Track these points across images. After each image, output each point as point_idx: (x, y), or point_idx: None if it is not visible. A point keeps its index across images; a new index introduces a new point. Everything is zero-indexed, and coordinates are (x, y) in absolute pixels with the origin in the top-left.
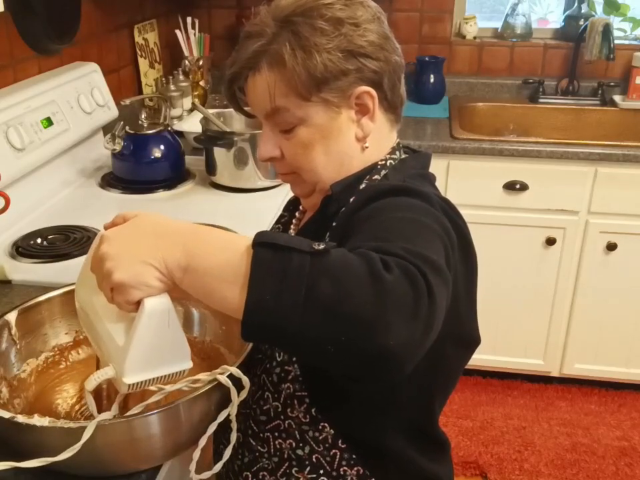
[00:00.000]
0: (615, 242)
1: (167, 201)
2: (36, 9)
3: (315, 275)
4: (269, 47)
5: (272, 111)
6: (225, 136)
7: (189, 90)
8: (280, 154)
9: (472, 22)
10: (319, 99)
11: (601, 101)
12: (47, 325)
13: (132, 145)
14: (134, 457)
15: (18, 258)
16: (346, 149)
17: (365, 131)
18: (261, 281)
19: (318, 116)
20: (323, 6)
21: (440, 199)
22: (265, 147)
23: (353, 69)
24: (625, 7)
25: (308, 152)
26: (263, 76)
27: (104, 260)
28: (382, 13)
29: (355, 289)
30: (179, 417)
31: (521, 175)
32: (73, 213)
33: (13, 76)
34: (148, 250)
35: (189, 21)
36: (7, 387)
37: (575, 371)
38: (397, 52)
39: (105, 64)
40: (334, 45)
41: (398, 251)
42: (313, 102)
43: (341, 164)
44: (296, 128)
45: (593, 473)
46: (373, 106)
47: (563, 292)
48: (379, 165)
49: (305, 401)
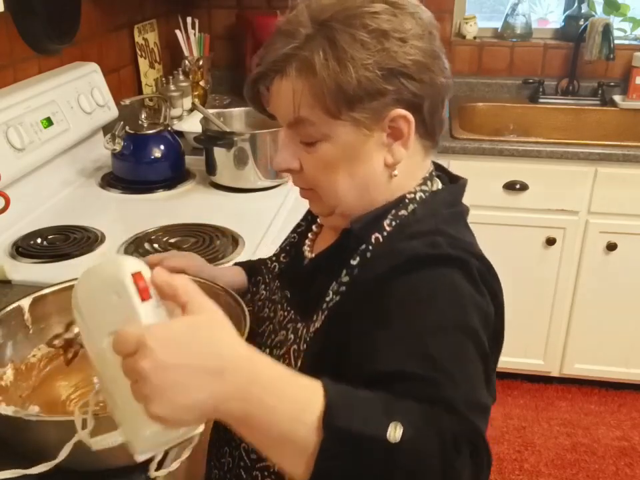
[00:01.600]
0: (615, 242)
1: (167, 201)
2: (36, 8)
3: (390, 468)
4: (300, 52)
5: (295, 121)
6: (224, 136)
7: (188, 90)
8: (298, 166)
9: (472, 22)
10: (349, 117)
11: (601, 101)
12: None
13: (132, 145)
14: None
15: (18, 258)
16: (372, 175)
17: (395, 158)
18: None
19: (345, 135)
20: (368, 14)
21: (477, 257)
22: (282, 156)
23: (392, 89)
24: (624, 7)
25: (329, 171)
26: (289, 82)
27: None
28: (435, 26)
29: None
30: None
31: (521, 175)
32: (73, 213)
33: (13, 76)
34: (197, 392)
35: (189, 21)
36: (13, 369)
37: (575, 371)
38: (445, 73)
39: (105, 64)
40: (374, 61)
41: (460, 407)
42: (342, 120)
43: (365, 190)
44: (319, 143)
45: (593, 473)
46: (408, 131)
47: (562, 292)
48: (407, 199)
49: None
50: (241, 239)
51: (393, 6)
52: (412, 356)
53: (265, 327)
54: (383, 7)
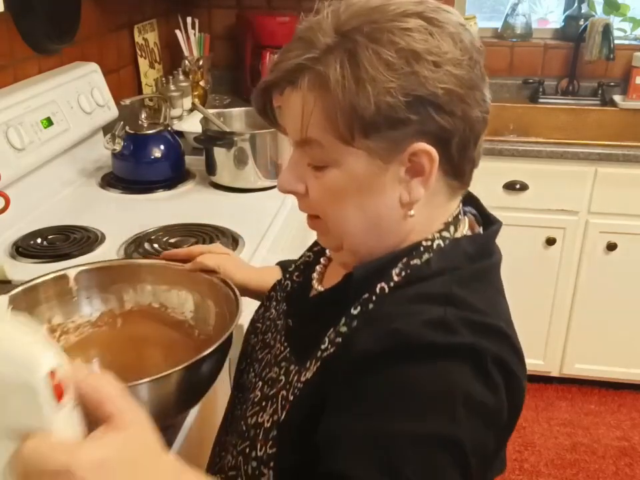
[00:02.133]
0: (615, 242)
1: (167, 201)
2: (36, 8)
3: None
4: (316, 64)
5: (302, 141)
6: (225, 136)
7: (188, 90)
8: (304, 190)
9: (472, 22)
10: (363, 145)
11: (601, 101)
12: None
13: (132, 144)
14: None
15: (18, 258)
16: (385, 212)
17: (412, 197)
18: None
19: (357, 165)
20: (398, 30)
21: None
22: (287, 177)
23: (416, 119)
24: (624, 7)
25: (337, 201)
26: (300, 96)
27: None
28: (478, 50)
29: None
30: (168, 387)
31: (521, 175)
32: (73, 213)
33: (13, 76)
34: None
35: (188, 21)
36: None
37: (575, 371)
38: (483, 106)
39: (105, 64)
40: (398, 85)
41: None
42: (355, 148)
43: (376, 227)
44: (328, 168)
45: (593, 473)
46: (430, 169)
47: (562, 292)
48: (422, 246)
49: None
50: (241, 239)
51: (430, 23)
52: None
53: (263, 354)
54: (418, 24)
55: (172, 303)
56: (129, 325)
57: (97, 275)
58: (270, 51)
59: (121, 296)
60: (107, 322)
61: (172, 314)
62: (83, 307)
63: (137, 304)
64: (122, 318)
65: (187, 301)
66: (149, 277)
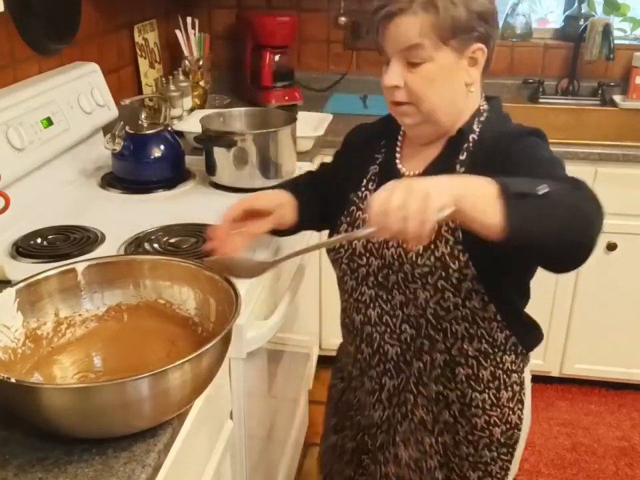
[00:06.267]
0: (615, 242)
1: (167, 201)
2: (36, 9)
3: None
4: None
5: (411, 46)
6: (225, 136)
7: (188, 90)
8: (403, 83)
9: None
10: (451, 44)
11: (601, 101)
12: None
13: (132, 145)
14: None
15: (18, 258)
16: (457, 90)
17: (471, 79)
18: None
19: (445, 58)
20: None
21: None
22: (392, 75)
23: (478, 28)
24: (624, 7)
25: (429, 86)
26: (416, 16)
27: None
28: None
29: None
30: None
31: None
32: (73, 213)
33: (13, 76)
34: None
35: (188, 21)
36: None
37: (575, 371)
38: (499, 24)
39: (105, 64)
40: (471, 5)
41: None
42: (446, 45)
43: (453, 101)
44: (424, 64)
45: (592, 473)
46: (482, 60)
47: (562, 292)
48: (481, 109)
49: (480, 291)
50: None
51: None
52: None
53: None
54: None
55: (177, 299)
56: (134, 320)
57: (104, 270)
58: (270, 51)
59: (127, 291)
60: (114, 316)
61: (177, 310)
62: (90, 300)
63: (143, 299)
64: (128, 313)
65: (190, 297)
66: (154, 273)
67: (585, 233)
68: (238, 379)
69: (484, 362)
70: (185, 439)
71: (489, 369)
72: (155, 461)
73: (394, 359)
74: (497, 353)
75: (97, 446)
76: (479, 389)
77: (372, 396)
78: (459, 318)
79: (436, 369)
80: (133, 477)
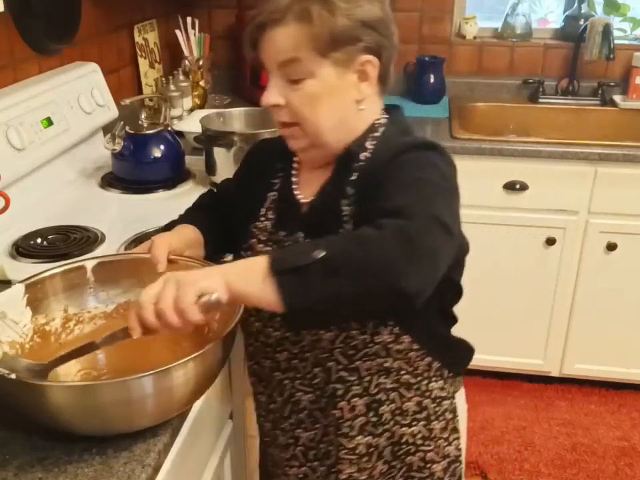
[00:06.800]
0: (615, 242)
1: (167, 201)
2: (36, 9)
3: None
4: (299, 3)
5: (287, 61)
6: (225, 136)
7: (189, 90)
8: (284, 102)
9: (472, 22)
10: (332, 57)
11: (601, 101)
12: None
13: (132, 145)
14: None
15: (18, 258)
16: (345, 108)
17: (361, 95)
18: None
19: (327, 73)
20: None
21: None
22: (269, 92)
23: (364, 38)
24: (624, 7)
25: (313, 104)
26: (288, 28)
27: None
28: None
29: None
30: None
31: (521, 175)
32: (73, 213)
33: (13, 76)
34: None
35: (188, 21)
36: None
37: (575, 371)
38: (395, 35)
39: (105, 64)
40: (353, 13)
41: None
42: (326, 59)
43: (341, 121)
44: (305, 80)
45: (592, 473)
46: (373, 74)
47: (562, 292)
48: (376, 124)
49: (389, 325)
50: None
51: None
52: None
53: None
54: None
55: None
56: None
57: (113, 268)
58: None
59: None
60: (121, 314)
61: None
62: (98, 298)
63: None
64: None
65: None
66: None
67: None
68: (238, 379)
69: (407, 393)
70: (185, 439)
71: (413, 400)
72: (155, 461)
73: (307, 408)
74: (420, 381)
75: (97, 446)
76: (406, 422)
77: (286, 451)
78: (370, 355)
79: (358, 416)
80: (132, 477)
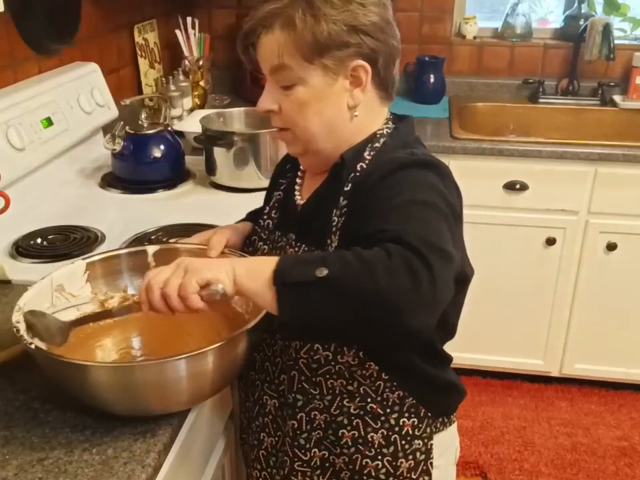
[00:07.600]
0: (615, 242)
1: (167, 201)
2: (36, 9)
3: (327, 299)
4: (284, 10)
5: (276, 68)
6: (225, 136)
7: (189, 90)
8: (278, 108)
9: (472, 22)
10: (320, 63)
11: (601, 101)
12: None
13: (132, 145)
14: (166, 398)
15: (18, 258)
16: (337, 114)
17: (355, 101)
18: (285, 307)
19: (316, 79)
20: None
21: (442, 165)
22: (265, 99)
23: (354, 42)
24: (624, 7)
25: (303, 110)
26: (274, 35)
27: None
28: (388, 0)
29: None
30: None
31: (521, 175)
32: (73, 213)
33: (13, 76)
34: (214, 266)
35: (188, 21)
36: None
37: (575, 371)
38: (396, 38)
39: (105, 64)
40: (340, 19)
41: (411, 240)
42: (314, 65)
43: (332, 127)
44: (295, 86)
45: (592, 473)
46: (366, 80)
47: (562, 292)
48: (377, 134)
49: (352, 347)
50: None
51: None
52: (392, 224)
53: None
54: None
55: None
56: None
57: (171, 255)
58: None
59: None
60: None
61: (232, 304)
62: None
63: None
64: None
65: None
66: None
67: (391, 315)
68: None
69: (372, 423)
70: (185, 439)
71: (379, 432)
72: (155, 461)
73: (272, 413)
74: (389, 414)
75: (97, 446)
76: (370, 454)
77: (252, 452)
78: (332, 373)
79: (315, 430)
80: (132, 477)
